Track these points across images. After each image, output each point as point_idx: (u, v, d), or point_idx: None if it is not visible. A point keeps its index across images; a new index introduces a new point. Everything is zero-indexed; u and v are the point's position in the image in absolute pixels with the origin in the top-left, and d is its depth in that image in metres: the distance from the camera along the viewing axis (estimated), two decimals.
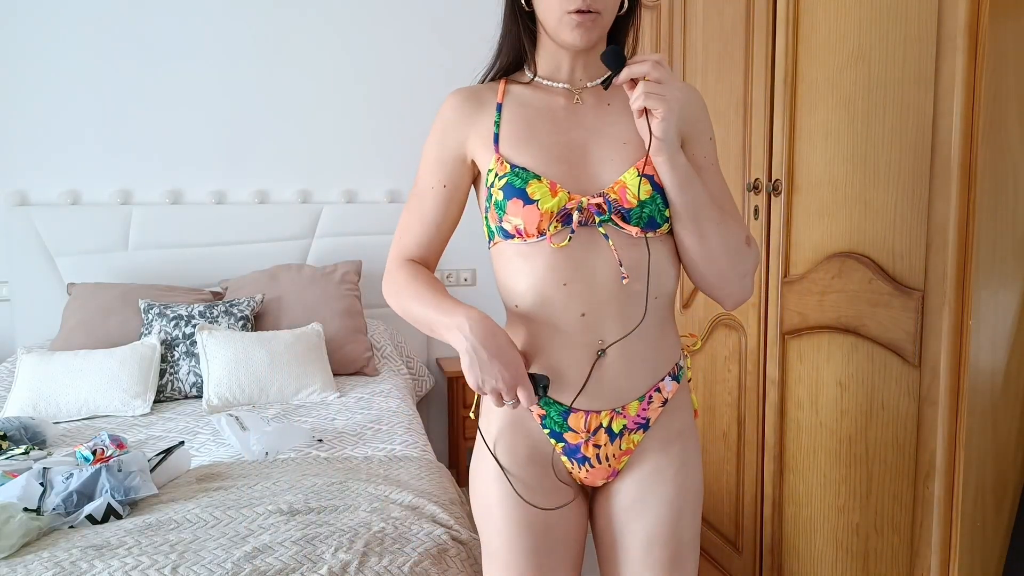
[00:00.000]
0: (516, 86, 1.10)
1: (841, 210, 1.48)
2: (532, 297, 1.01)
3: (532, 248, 1.00)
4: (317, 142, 3.30)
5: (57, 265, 2.98)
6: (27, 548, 1.41)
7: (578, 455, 1.05)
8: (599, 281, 0.99)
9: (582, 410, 1.02)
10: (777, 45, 1.67)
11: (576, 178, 1.01)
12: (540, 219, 0.98)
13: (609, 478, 1.08)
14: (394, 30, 3.29)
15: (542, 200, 0.98)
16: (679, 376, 1.08)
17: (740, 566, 1.90)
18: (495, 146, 1.04)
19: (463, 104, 1.08)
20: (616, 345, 1.00)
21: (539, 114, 1.06)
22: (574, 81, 1.07)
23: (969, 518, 1.25)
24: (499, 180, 1.01)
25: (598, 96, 1.07)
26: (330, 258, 3.22)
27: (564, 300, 0.99)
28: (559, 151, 1.03)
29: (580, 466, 1.06)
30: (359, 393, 2.59)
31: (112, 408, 2.41)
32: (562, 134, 1.04)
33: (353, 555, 1.38)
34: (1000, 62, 1.17)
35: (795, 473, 1.67)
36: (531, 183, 0.99)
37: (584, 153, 1.03)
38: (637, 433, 1.05)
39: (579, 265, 0.99)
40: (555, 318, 1.00)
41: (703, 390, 2.08)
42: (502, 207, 1.00)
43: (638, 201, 0.98)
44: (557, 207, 0.98)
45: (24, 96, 2.99)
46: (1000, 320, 1.24)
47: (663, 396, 1.05)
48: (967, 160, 1.19)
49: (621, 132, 1.03)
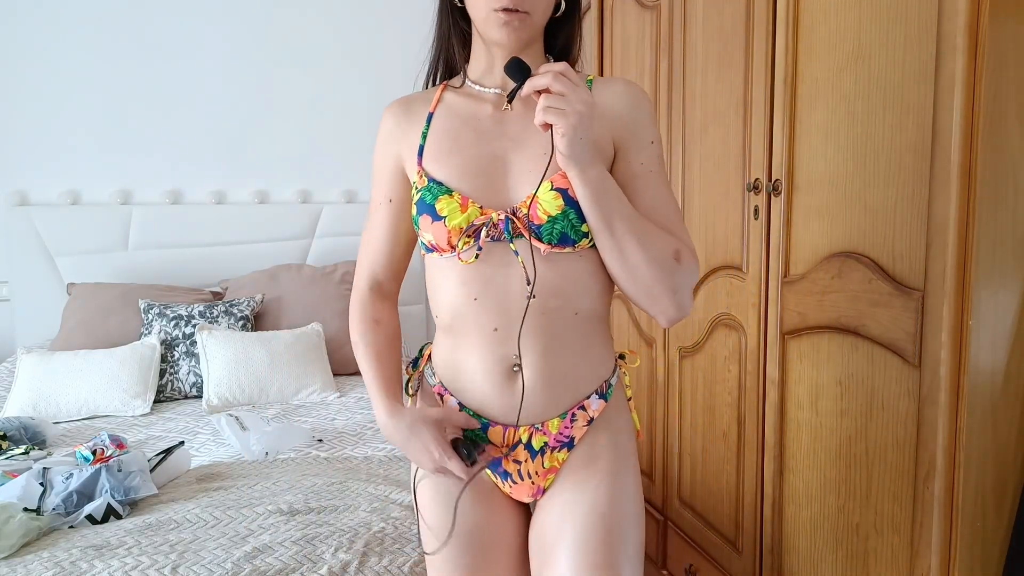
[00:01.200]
0: (451, 93, 1.07)
1: (841, 210, 1.48)
2: (448, 310, 1.01)
3: (447, 262, 1.00)
4: (317, 142, 3.30)
5: (57, 265, 2.98)
6: (27, 548, 1.41)
7: (499, 469, 1.04)
8: (511, 297, 0.97)
9: (500, 425, 1.01)
10: (777, 45, 1.67)
11: (492, 191, 0.98)
12: (448, 235, 0.97)
13: (536, 495, 1.05)
14: (394, 30, 3.29)
15: (449, 216, 0.96)
16: (607, 394, 1.03)
17: (740, 566, 1.90)
18: (419, 158, 1.03)
19: (396, 117, 1.07)
20: (532, 361, 0.98)
21: (465, 124, 1.03)
22: (506, 85, 1.03)
23: (969, 518, 1.25)
24: (416, 194, 1.01)
25: (528, 103, 1.00)
26: (330, 258, 3.22)
27: (475, 315, 0.98)
28: (478, 164, 1.00)
29: (503, 481, 1.05)
30: (359, 393, 2.59)
31: (112, 408, 2.42)
32: (484, 145, 1.01)
33: (353, 555, 1.38)
34: (1000, 62, 1.17)
35: (795, 473, 1.67)
36: (441, 199, 0.97)
37: (504, 165, 1.00)
38: (561, 451, 1.02)
39: (489, 281, 0.97)
40: (469, 332, 1.00)
41: (703, 390, 2.08)
42: (416, 222, 1.00)
43: (548, 217, 0.95)
44: (465, 223, 0.96)
45: (24, 96, 2.99)
46: (1000, 320, 1.24)
47: (588, 415, 1.01)
48: (967, 160, 1.19)
49: (544, 142, 0.96)
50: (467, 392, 1.02)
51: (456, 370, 1.02)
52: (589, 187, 0.91)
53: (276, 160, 3.27)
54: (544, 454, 1.01)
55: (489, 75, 1.04)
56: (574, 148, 0.88)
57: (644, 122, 1.02)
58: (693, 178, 2.09)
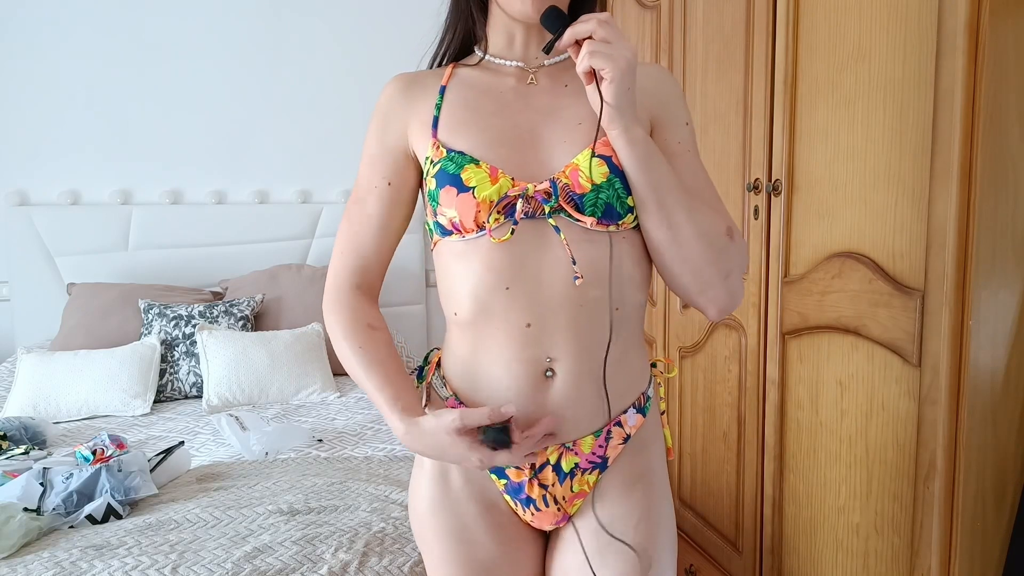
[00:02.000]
0: (464, 69, 0.97)
1: (841, 210, 1.48)
2: (470, 304, 0.87)
3: (470, 246, 0.86)
4: (317, 142, 3.30)
5: (57, 265, 2.98)
6: (27, 548, 1.41)
7: (522, 495, 0.90)
8: (547, 285, 0.84)
9: None
10: (777, 45, 1.67)
11: (522, 163, 0.86)
12: (477, 209, 0.83)
13: (559, 523, 0.93)
14: (393, 29, 3.29)
15: (479, 187, 0.83)
16: (645, 408, 0.91)
17: (740, 566, 1.90)
18: (433, 131, 0.91)
19: (403, 90, 0.96)
20: (567, 365, 0.85)
21: (485, 95, 0.93)
22: (528, 59, 0.95)
23: (969, 518, 1.25)
24: (433, 167, 0.88)
25: (554, 77, 0.94)
26: (330, 258, 3.21)
27: (505, 308, 0.85)
28: (503, 133, 0.89)
29: (525, 508, 0.91)
30: (359, 393, 2.59)
31: (112, 408, 2.41)
32: (508, 117, 0.90)
33: (353, 555, 1.38)
34: (1000, 62, 1.17)
35: (795, 473, 1.67)
36: (467, 168, 0.85)
37: (533, 136, 0.89)
38: (592, 473, 0.89)
39: (524, 265, 0.84)
40: (496, 329, 0.86)
41: (703, 390, 2.08)
42: (435, 197, 0.87)
43: (592, 185, 0.83)
44: (497, 195, 0.83)
45: (24, 96, 2.99)
46: (1000, 320, 1.24)
47: (624, 431, 0.89)
48: (967, 160, 1.19)
49: (577, 112, 0.88)
50: (486, 401, 0.87)
51: (475, 378, 0.89)
52: (638, 148, 0.82)
53: (276, 160, 3.27)
54: (574, 477, 0.88)
55: (509, 49, 0.95)
56: (621, 98, 0.80)
57: (679, 103, 0.94)
58: None
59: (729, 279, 0.86)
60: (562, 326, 0.84)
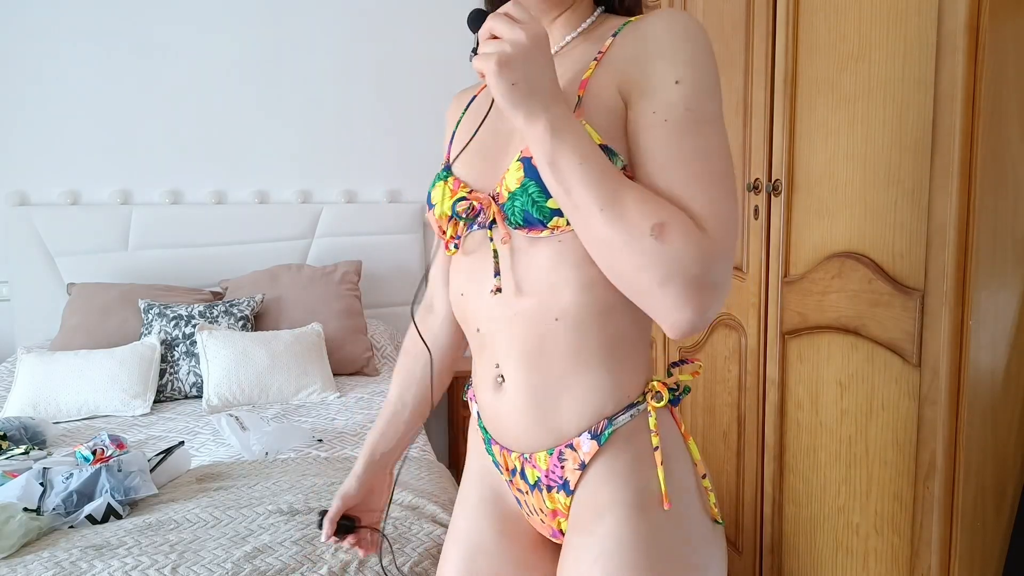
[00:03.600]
0: None
1: (841, 210, 1.48)
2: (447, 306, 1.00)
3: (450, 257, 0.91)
4: (317, 142, 3.30)
5: (57, 265, 2.98)
6: (27, 548, 1.41)
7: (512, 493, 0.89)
8: (487, 294, 0.82)
9: (497, 444, 0.87)
10: (777, 45, 1.67)
11: (492, 174, 0.83)
12: (439, 225, 0.86)
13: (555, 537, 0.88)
14: (393, 30, 3.29)
15: (438, 203, 0.85)
16: (602, 437, 0.78)
17: (740, 566, 1.90)
18: (449, 145, 0.94)
19: (450, 112, 1.00)
20: (511, 375, 0.81)
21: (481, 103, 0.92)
22: None
23: (969, 518, 1.25)
24: None
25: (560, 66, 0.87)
26: (330, 258, 3.22)
27: (462, 312, 0.87)
28: (483, 144, 0.85)
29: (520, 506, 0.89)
30: (359, 393, 2.59)
31: (112, 408, 2.41)
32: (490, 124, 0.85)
33: (353, 555, 1.38)
34: (1000, 62, 1.17)
35: (795, 473, 1.67)
36: (437, 185, 0.86)
37: (508, 144, 0.83)
38: (559, 493, 0.81)
39: (471, 274, 0.84)
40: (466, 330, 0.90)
41: (703, 390, 2.08)
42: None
43: (508, 192, 0.77)
44: (447, 211, 0.84)
45: (24, 96, 2.99)
46: (1000, 320, 1.24)
47: (580, 457, 0.79)
48: (967, 160, 1.19)
49: None
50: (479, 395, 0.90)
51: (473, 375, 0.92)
52: (535, 140, 0.70)
53: (276, 160, 3.27)
54: (541, 491, 0.83)
55: None
56: (505, 96, 0.69)
57: (664, 57, 0.74)
58: None
59: (667, 287, 0.67)
60: (503, 335, 0.81)
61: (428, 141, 3.30)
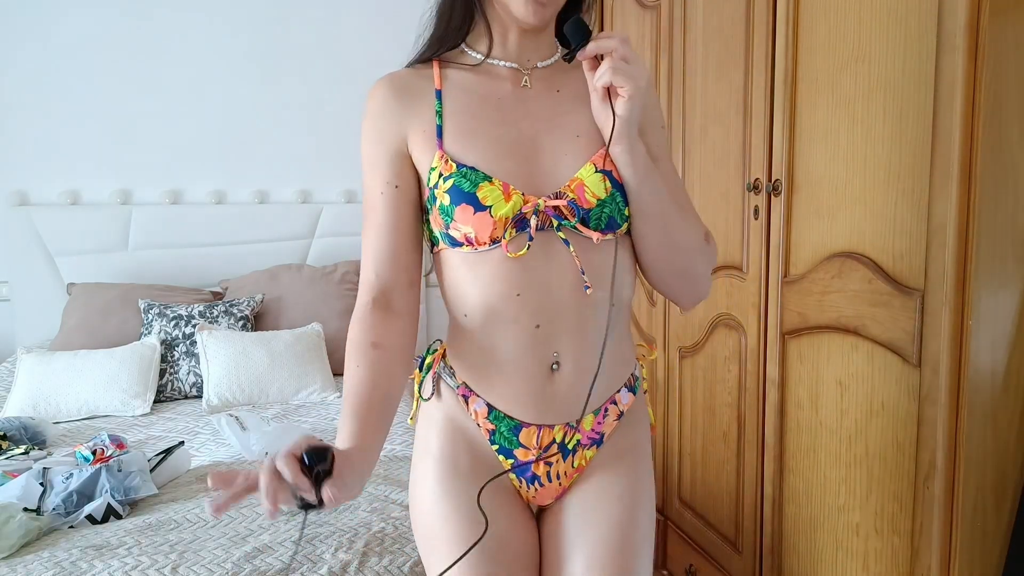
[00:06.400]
0: (453, 69, 0.97)
1: (841, 210, 1.48)
2: (481, 308, 0.91)
3: (481, 256, 0.90)
4: (317, 142, 3.30)
5: (57, 265, 2.98)
6: (27, 548, 1.41)
7: (528, 474, 0.96)
8: (556, 291, 0.89)
9: (534, 425, 0.94)
10: (777, 45, 1.67)
11: (528, 176, 0.90)
12: (493, 227, 0.87)
13: (559, 497, 0.99)
14: (392, 30, 3.29)
15: (495, 206, 0.87)
16: (635, 388, 1.00)
17: (740, 566, 1.90)
18: (439, 141, 0.91)
19: (394, 94, 0.95)
20: (571, 358, 0.91)
21: (484, 102, 0.94)
22: (521, 60, 0.96)
23: (969, 518, 1.25)
24: (444, 182, 0.89)
25: (546, 80, 0.96)
26: (330, 258, 3.22)
27: (516, 312, 0.90)
28: (508, 145, 0.91)
29: (529, 485, 0.97)
30: None
31: (112, 408, 2.41)
32: (511, 125, 0.92)
33: (353, 555, 1.38)
34: (1000, 62, 1.17)
35: (795, 473, 1.67)
36: (482, 186, 0.87)
37: (535, 146, 0.91)
38: (590, 449, 0.97)
39: (534, 274, 0.89)
40: (506, 330, 0.90)
41: (703, 390, 2.08)
42: (449, 213, 0.89)
43: (597, 200, 0.88)
44: (512, 212, 0.87)
45: (24, 96, 2.99)
46: (1000, 320, 1.24)
47: (619, 409, 0.98)
48: (967, 160, 1.19)
49: (574, 124, 0.92)
50: (496, 392, 0.94)
51: (485, 370, 0.93)
52: (639, 163, 0.88)
53: (276, 160, 3.27)
54: (575, 453, 0.96)
55: (502, 49, 0.96)
56: (633, 116, 0.86)
57: (656, 107, 0.99)
58: (693, 178, 2.09)
59: (706, 276, 0.98)
60: (569, 326, 0.91)
61: None
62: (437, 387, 0.99)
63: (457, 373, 0.97)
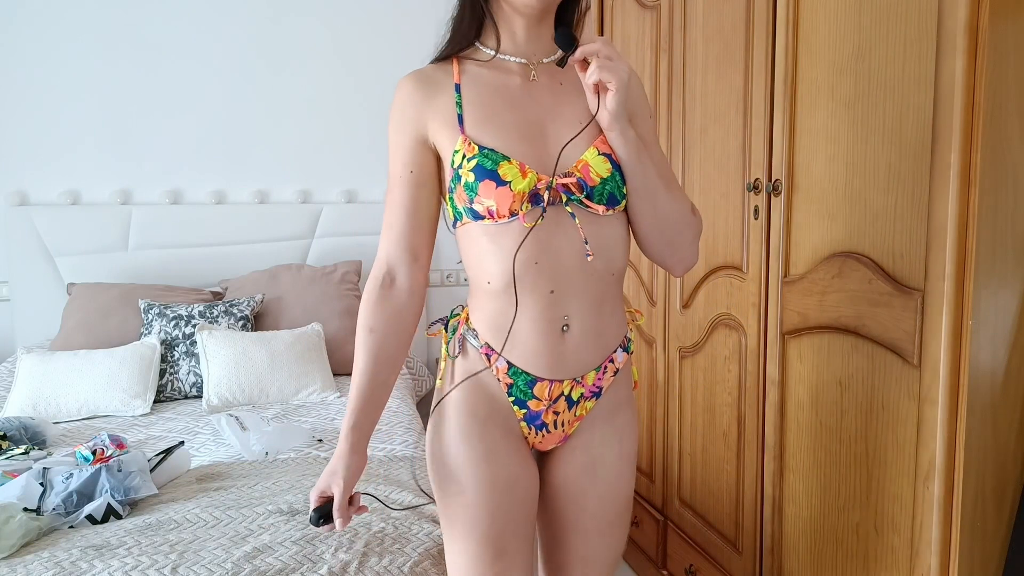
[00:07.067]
0: (469, 64, 1.10)
1: (841, 210, 1.48)
2: (503, 276, 1.03)
3: (502, 228, 1.03)
4: (317, 142, 3.30)
5: (57, 265, 2.98)
6: (27, 548, 1.41)
7: (537, 421, 1.11)
8: (566, 259, 1.04)
9: (547, 379, 1.08)
10: (777, 45, 1.67)
11: (538, 157, 1.04)
12: (512, 200, 1.00)
13: (560, 443, 1.15)
14: (392, 31, 3.29)
15: (514, 182, 1.00)
16: (628, 348, 1.16)
17: (740, 566, 1.90)
18: (460, 127, 1.05)
19: (418, 88, 1.09)
20: (578, 320, 1.06)
21: (497, 92, 1.07)
22: (529, 55, 1.10)
23: (969, 518, 1.25)
24: (468, 162, 1.02)
25: (551, 75, 1.10)
26: (330, 258, 3.22)
27: (534, 278, 1.03)
28: (519, 129, 1.05)
29: (537, 432, 1.12)
30: None
31: (112, 408, 2.42)
32: (520, 112, 1.06)
33: (353, 555, 1.38)
34: (1000, 62, 1.17)
35: (795, 473, 1.67)
36: (502, 164, 1.01)
37: (542, 131, 1.06)
38: (590, 401, 1.13)
39: (547, 244, 1.03)
40: (525, 295, 1.04)
41: (703, 390, 2.08)
42: (473, 188, 1.02)
43: (600, 179, 1.03)
44: (528, 187, 1.01)
45: (24, 96, 2.99)
46: (1000, 320, 1.24)
47: (615, 366, 1.13)
48: (967, 160, 1.19)
49: (575, 112, 1.06)
50: (516, 351, 1.07)
51: (506, 331, 1.06)
52: (631, 146, 1.02)
53: (276, 160, 3.27)
54: (578, 404, 1.11)
55: (512, 45, 1.09)
56: (621, 106, 0.99)
57: (644, 97, 1.12)
58: (693, 178, 2.09)
59: (693, 245, 1.13)
60: (576, 291, 1.05)
61: None
62: (463, 347, 1.11)
63: (480, 335, 1.09)
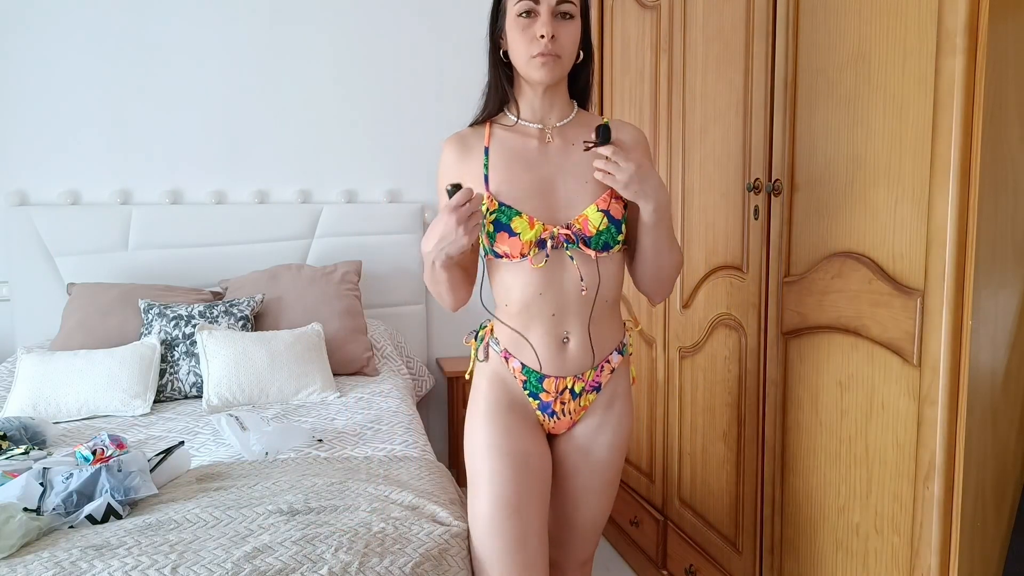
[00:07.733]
0: (499, 129, 1.39)
1: (841, 210, 1.48)
2: (518, 301, 1.36)
3: (516, 266, 1.34)
4: (317, 142, 3.30)
5: (57, 265, 2.98)
6: (27, 548, 1.41)
7: (549, 410, 1.41)
8: (565, 290, 1.34)
9: (553, 377, 1.38)
10: (777, 45, 1.67)
11: (548, 210, 1.33)
12: (522, 247, 1.30)
13: (570, 428, 1.45)
14: (392, 31, 3.29)
15: (523, 233, 1.30)
16: (623, 351, 1.45)
17: (740, 566, 1.90)
18: (486, 185, 1.33)
19: (455, 151, 1.39)
20: (576, 334, 1.37)
21: (517, 155, 1.36)
22: (545, 121, 1.38)
23: (969, 518, 1.25)
24: (490, 215, 1.31)
25: (564, 136, 1.37)
26: (330, 258, 3.22)
27: (540, 304, 1.35)
28: (534, 187, 1.33)
29: (550, 418, 1.42)
30: (359, 393, 2.59)
31: (112, 408, 2.41)
32: (535, 171, 1.34)
33: (353, 555, 1.38)
34: (1000, 62, 1.17)
35: (795, 473, 1.67)
36: (514, 220, 1.30)
37: (553, 188, 1.34)
38: (592, 394, 1.42)
39: (551, 279, 1.33)
40: (534, 316, 1.36)
41: (703, 390, 2.08)
42: (492, 237, 1.32)
43: (596, 231, 1.31)
44: (535, 238, 1.30)
45: (24, 96, 2.99)
46: (1000, 320, 1.24)
47: (611, 366, 1.42)
48: (967, 160, 1.19)
49: (583, 172, 1.34)
50: (527, 356, 1.38)
51: (521, 342, 1.38)
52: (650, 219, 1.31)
53: (276, 160, 3.27)
54: (581, 396, 1.41)
55: (532, 113, 1.38)
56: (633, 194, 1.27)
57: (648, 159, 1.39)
58: (693, 178, 2.09)
59: (673, 282, 1.45)
60: (574, 313, 1.36)
61: (428, 141, 3.30)
62: (487, 352, 1.44)
63: (500, 343, 1.41)
